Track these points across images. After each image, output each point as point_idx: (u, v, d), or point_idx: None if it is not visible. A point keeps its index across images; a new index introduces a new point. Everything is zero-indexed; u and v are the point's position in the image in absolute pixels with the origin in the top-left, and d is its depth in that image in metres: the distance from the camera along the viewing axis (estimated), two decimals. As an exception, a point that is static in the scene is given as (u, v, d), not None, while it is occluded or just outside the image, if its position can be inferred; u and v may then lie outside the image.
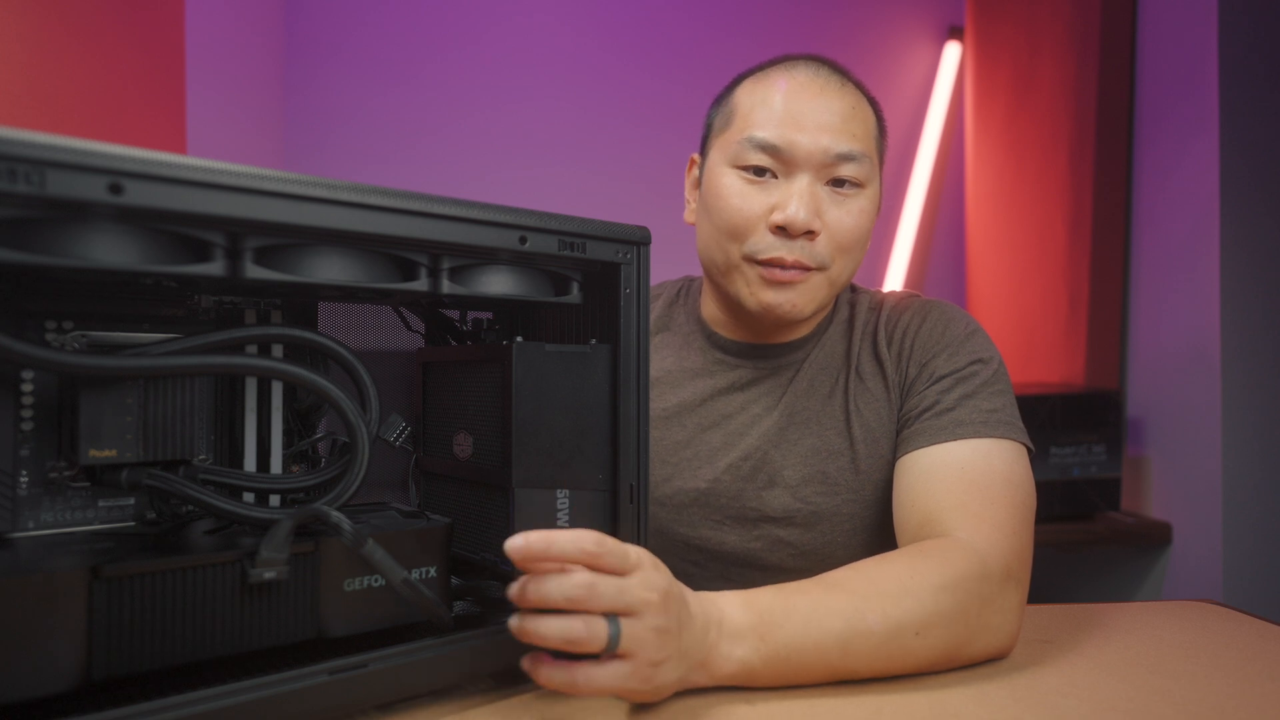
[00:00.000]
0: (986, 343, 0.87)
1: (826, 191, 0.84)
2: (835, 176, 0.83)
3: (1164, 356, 1.67)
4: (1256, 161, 1.52)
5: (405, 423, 0.67)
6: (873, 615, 0.63)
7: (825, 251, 0.83)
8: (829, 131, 0.82)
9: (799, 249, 0.82)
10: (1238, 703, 0.61)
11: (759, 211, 0.83)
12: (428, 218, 0.54)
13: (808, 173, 0.83)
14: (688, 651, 0.57)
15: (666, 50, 2.27)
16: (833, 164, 0.83)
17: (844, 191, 0.84)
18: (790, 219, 0.81)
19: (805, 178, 0.83)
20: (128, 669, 0.48)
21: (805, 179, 0.83)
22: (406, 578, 0.54)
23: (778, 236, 0.83)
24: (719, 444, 0.91)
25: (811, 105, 0.83)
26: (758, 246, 0.83)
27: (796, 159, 0.82)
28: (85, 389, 0.52)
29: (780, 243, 0.83)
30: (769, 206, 0.83)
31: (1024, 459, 0.80)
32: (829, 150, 0.82)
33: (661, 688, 0.57)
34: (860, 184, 0.84)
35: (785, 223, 0.81)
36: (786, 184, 0.83)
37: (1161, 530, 1.63)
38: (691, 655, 0.58)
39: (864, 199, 0.85)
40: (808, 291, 0.84)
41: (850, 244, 0.85)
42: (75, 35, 1.30)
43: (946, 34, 2.34)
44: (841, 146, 0.82)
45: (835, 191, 0.84)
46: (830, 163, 0.83)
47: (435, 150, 2.22)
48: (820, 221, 0.82)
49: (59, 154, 0.42)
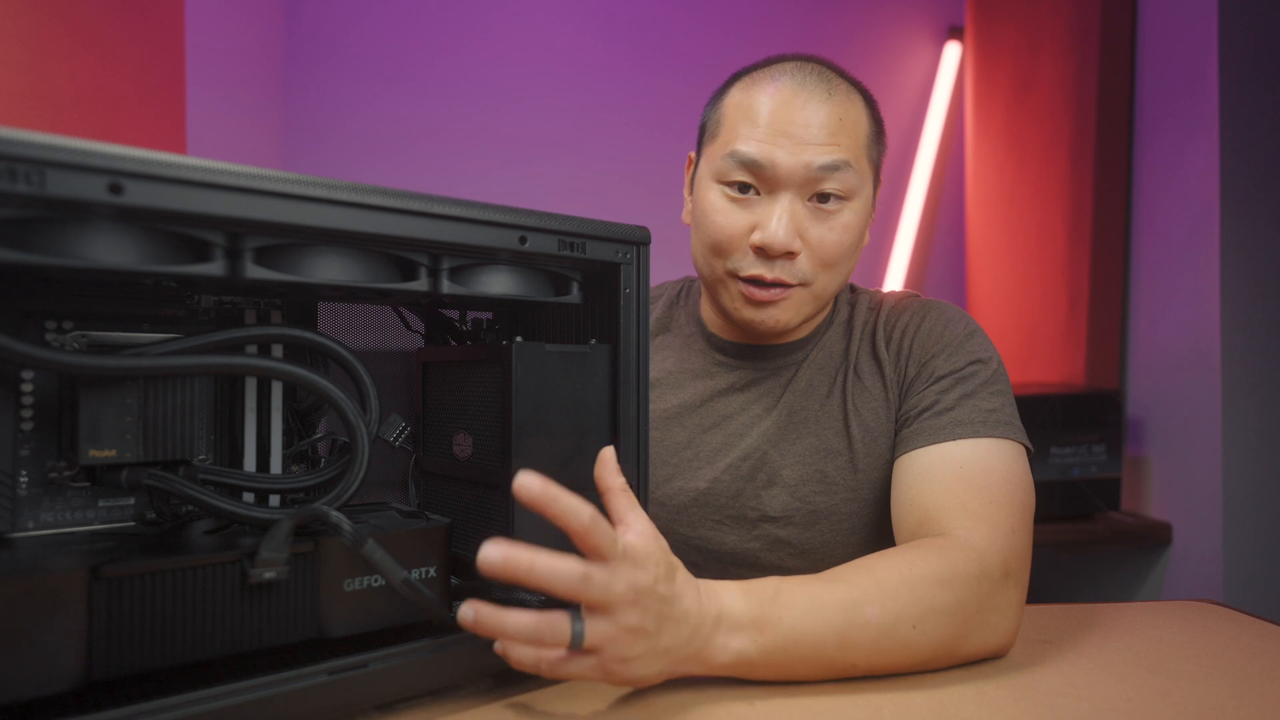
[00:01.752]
0: (985, 343, 0.88)
1: (809, 209, 0.83)
2: (819, 191, 0.83)
3: (1164, 356, 1.67)
4: (1256, 161, 1.52)
5: (405, 423, 0.67)
6: (871, 608, 0.63)
7: (807, 268, 0.84)
8: (812, 145, 0.82)
9: (779, 267, 0.83)
10: (1238, 703, 0.61)
11: (741, 230, 0.84)
12: (428, 218, 0.54)
13: (789, 191, 0.83)
14: (668, 649, 0.57)
15: (666, 50, 2.27)
16: (816, 178, 0.82)
17: (828, 207, 0.83)
18: (768, 240, 0.81)
19: (786, 196, 0.82)
20: (128, 669, 0.48)
21: (786, 198, 0.82)
22: (406, 578, 0.54)
23: (758, 255, 0.83)
24: (719, 444, 0.91)
25: (795, 118, 0.82)
26: (740, 264, 0.84)
27: (779, 177, 0.82)
28: (85, 389, 0.52)
29: (760, 261, 0.83)
30: (750, 225, 0.83)
31: (1023, 459, 0.80)
32: (811, 165, 0.82)
33: (637, 680, 0.57)
34: (845, 196, 0.84)
35: (764, 244, 0.82)
36: (769, 202, 0.83)
37: (1161, 530, 1.63)
38: (675, 652, 0.57)
39: (849, 213, 0.84)
40: (790, 307, 0.85)
41: (834, 260, 0.85)
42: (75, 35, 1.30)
43: (946, 34, 2.34)
44: (825, 159, 0.82)
45: (818, 208, 0.83)
46: (814, 177, 0.82)
47: (435, 150, 2.22)
48: (800, 241, 0.83)
49: (59, 154, 0.42)
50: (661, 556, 0.57)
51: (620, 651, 0.54)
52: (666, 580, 0.56)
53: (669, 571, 0.57)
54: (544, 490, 0.52)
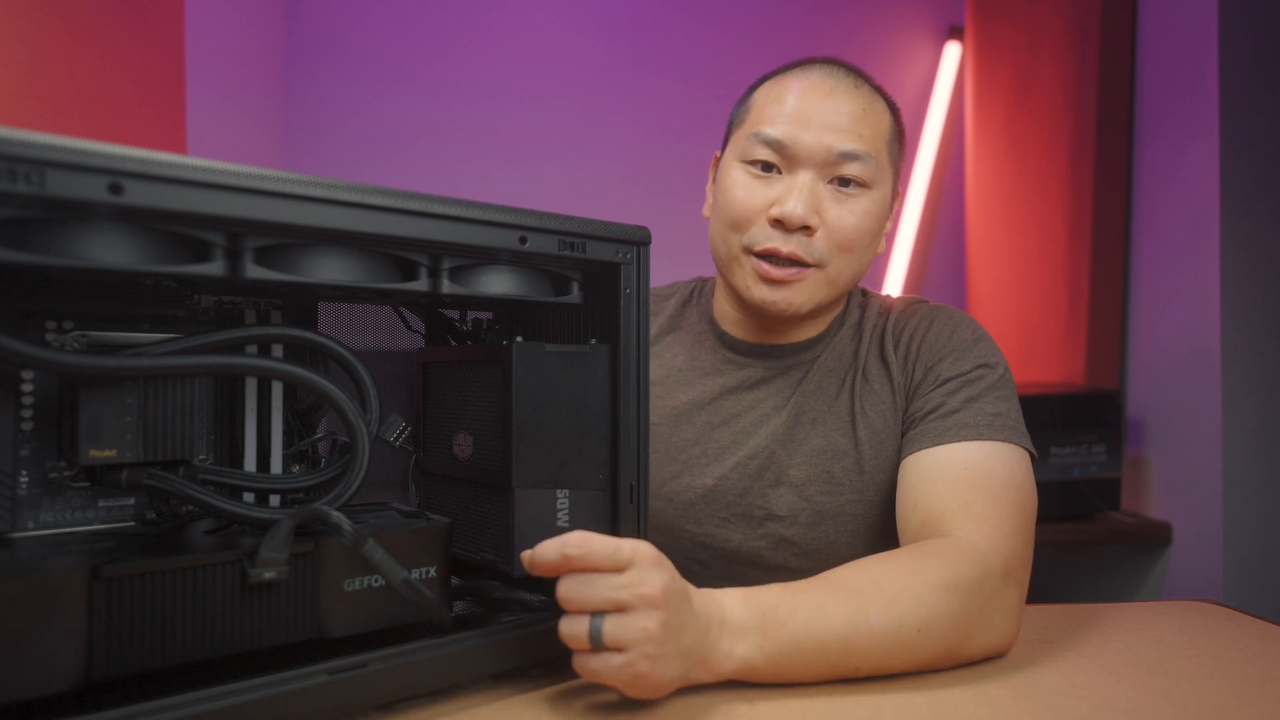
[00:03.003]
0: (992, 348, 0.88)
1: (829, 190, 0.85)
2: (839, 175, 0.85)
3: (1164, 356, 1.66)
4: (1256, 161, 1.52)
5: (405, 423, 0.67)
6: (875, 613, 0.63)
7: (823, 248, 0.85)
8: (835, 131, 0.84)
9: (795, 242, 0.84)
10: (1238, 703, 0.61)
11: (760, 204, 0.85)
12: (428, 218, 0.54)
13: (810, 170, 0.84)
14: (690, 650, 0.57)
15: (666, 50, 2.27)
16: (836, 162, 0.84)
17: (847, 191, 0.85)
18: (787, 213, 0.83)
19: (808, 174, 0.84)
20: (128, 669, 0.48)
21: (808, 176, 0.84)
22: (406, 578, 0.54)
23: (776, 229, 0.84)
24: (727, 442, 0.92)
25: (821, 105, 0.84)
26: (756, 238, 0.85)
27: (800, 156, 0.84)
28: (85, 389, 0.52)
29: (777, 235, 0.84)
30: (770, 200, 0.85)
31: (1026, 463, 0.80)
32: (832, 149, 0.83)
33: (661, 684, 0.57)
34: (865, 184, 0.85)
35: (782, 216, 0.83)
36: (789, 179, 0.85)
37: (1161, 530, 1.63)
38: (693, 654, 0.58)
39: (868, 200, 0.86)
40: (804, 290, 0.86)
41: (850, 243, 0.85)
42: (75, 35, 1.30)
43: (946, 34, 2.34)
44: (846, 145, 0.84)
45: (838, 190, 0.85)
46: (834, 161, 0.84)
47: (435, 150, 2.22)
48: (818, 218, 0.84)
49: (59, 154, 0.42)
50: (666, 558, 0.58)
51: (647, 649, 0.55)
52: (679, 579, 0.58)
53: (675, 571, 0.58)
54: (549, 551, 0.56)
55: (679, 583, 0.58)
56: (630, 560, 0.55)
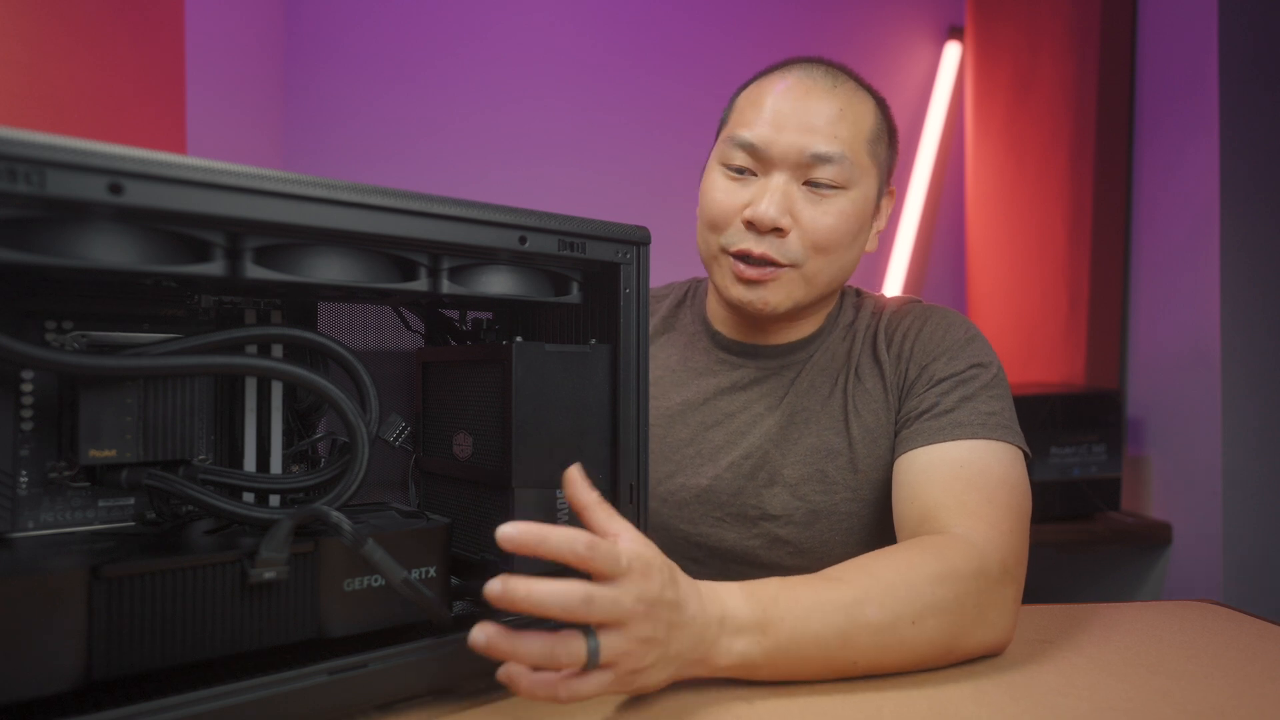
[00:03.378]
0: (986, 348, 0.88)
1: (804, 191, 0.85)
2: (811, 178, 0.85)
3: (1164, 356, 1.66)
4: (1256, 161, 1.52)
5: (405, 423, 0.67)
6: (871, 607, 0.63)
7: (797, 249, 0.85)
8: (810, 132, 0.84)
9: (767, 244, 0.85)
10: (1238, 703, 0.61)
11: (735, 206, 0.86)
12: (428, 218, 0.54)
13: (784, 171, 0.85)
14: (678, 654, 0.57)
15: (666, 50, 2.27)
16: (809, 164, 0.84)
17: (822, 192, 0.85)
18: (758, 215, 0.84)
19: (781, 176, 0.85)
20: (128, 669, 0.48)
21: (781, 178, 0.85)
22: (406, 578, 0.54)
23: (750, 231, 0.85)
24: (721, 442, 0.92)
25: (796, 106, 0.85)
26: (731, 239, 0.86)
27: (773, 158, 0.85)
28: (85, 389, 0.52)
29: (750, 236, 0.85)
30: (744, 202, 0.86)
31: (1020, 463, 0.80)
32: (804, 150, 0.84)
33: (648, 688, 0.57)
34: (840, 186, 0.85)
35: (753, 218, 0.84)
36: (764, 181, 0.86)
37: (1161, 530, 1.63)
38: (683, 656, 0.57)
39: (845, 200, 0.86)
40: (779, 289, 0.86)
41: (826, 243, 0.86)
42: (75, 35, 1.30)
43: (946, 34, 2.34)
44: (820, 147, 0.84)
45: (813, 191, 0.85)
46: (806, 163, 0.84)
47: (435, 150, 2.22)
48: (790, 219, 0.84)
49: (59, 154, 0.42)
50: (661, 562, 0.57)
51: (634, 663, 0.54)
52: (671, 586, 0.56)
53: (671, 576, 0.57)
54: (526, 534, 0.51)
55: (669, 592, 0.56)
56: (628, 569, 0.54)
